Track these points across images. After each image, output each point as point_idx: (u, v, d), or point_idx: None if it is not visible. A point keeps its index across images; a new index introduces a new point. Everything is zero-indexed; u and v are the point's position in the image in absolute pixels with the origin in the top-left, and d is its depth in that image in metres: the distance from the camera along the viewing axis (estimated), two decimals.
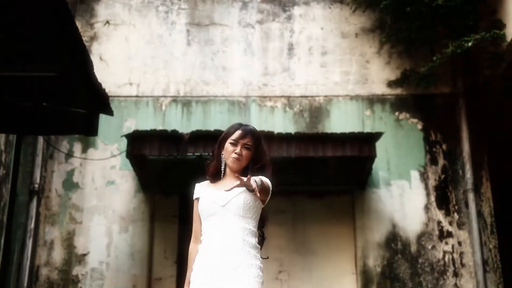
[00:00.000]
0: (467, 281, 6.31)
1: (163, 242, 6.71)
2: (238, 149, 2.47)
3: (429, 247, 6.44)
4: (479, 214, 6.47)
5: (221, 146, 2.54)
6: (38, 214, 6.46)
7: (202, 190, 2.56)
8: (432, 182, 6.66)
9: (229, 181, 2.49)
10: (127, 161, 6.20)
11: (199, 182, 2.65)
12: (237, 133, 2.51)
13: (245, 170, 2.48)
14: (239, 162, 2.48)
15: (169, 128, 6.32)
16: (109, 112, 5.08)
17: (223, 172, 2.55)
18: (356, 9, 7.13)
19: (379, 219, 6.54)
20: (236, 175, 2.32)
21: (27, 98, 4.80)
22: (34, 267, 6.32)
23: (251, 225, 2.42)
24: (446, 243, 6.45)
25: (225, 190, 2.34)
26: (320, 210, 6.77)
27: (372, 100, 6.99)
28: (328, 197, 6.85)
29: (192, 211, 2.63)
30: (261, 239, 2.53)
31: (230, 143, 2.50)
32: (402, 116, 6.93)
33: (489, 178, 6.63)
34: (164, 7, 7.39)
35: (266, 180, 2.40)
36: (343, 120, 6.86)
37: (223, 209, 2.40)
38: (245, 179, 2.19)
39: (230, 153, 2.49)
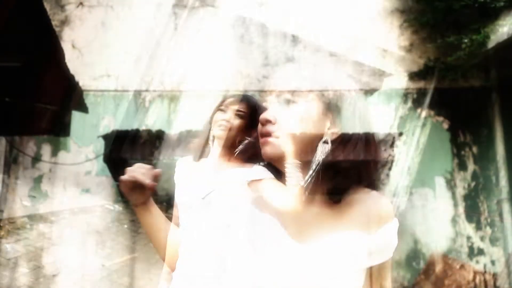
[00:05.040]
0: None
1: (148, 260, 6.71)
2: (227, 116, 2.29)
3: (457, 267, 6.44)
4: None
5: (211, 120, 2.35)
6: None
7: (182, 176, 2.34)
8: (460, 191, 6.67)
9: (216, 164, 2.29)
10: (105, 166, 6.21)
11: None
12: (229, 99, 2.35)
13: (244, 151, 2.23)
14: (226, 131, 2.26)
15: (154, 127, 6.35)
16: (83, 108, 5.12)
17: (212, 146, 2.34)
18: None
19: (398, 234, 6.51)
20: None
21: None
22: None
23: None
24: (477, 262, 6.45)
25: (202, 198, 2.18)
26: None
27: (390, 95, 7.01)
28: None
29: None
30: None
31: (220, 109, 2.34)
32: (425, 113, 6.94)
33: None
34: None
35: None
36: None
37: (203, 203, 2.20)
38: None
39: (217, 121, 2.31)
